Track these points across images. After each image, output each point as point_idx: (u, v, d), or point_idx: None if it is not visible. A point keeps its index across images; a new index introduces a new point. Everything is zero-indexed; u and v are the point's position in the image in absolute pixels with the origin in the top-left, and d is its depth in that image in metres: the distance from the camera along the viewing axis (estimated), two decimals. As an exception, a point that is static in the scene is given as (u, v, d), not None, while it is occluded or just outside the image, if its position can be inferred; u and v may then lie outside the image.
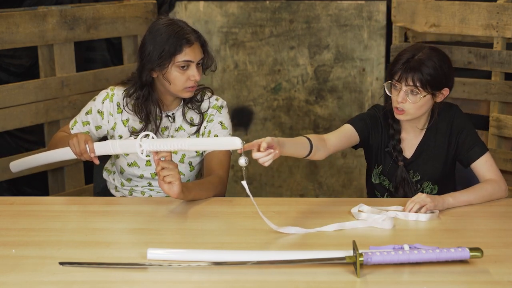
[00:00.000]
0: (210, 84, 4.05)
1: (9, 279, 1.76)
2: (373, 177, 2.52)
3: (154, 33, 2.36)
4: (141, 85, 2.42)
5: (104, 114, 2.49)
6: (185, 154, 2.50)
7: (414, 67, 2.28)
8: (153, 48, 2.34)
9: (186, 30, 2.35)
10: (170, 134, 2.48)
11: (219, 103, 2.51)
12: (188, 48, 2.33)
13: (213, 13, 4.02)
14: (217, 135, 2.46)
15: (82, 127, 2.54)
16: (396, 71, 2.31)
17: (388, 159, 2.47)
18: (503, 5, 3.37)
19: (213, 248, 1.94)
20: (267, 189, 4.15)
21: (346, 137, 2.40)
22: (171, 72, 2.34)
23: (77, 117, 2.57)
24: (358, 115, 2.49)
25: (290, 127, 4.10)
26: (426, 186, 2.46)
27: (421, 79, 2.28)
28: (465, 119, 2.43)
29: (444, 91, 2.35)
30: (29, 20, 3.34)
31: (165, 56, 2.32)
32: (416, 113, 2.34)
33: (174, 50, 2.32)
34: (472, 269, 1.81)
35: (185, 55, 2.33)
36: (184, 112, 2.49)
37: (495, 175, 2.36)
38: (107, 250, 1.94)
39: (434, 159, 2.44)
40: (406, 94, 2.30)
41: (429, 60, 2.30)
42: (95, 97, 2.54)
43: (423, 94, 2.30)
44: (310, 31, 4.00)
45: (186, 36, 2.33)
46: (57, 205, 2.32)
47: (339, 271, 1.80)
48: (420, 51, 2.32)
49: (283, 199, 2.48)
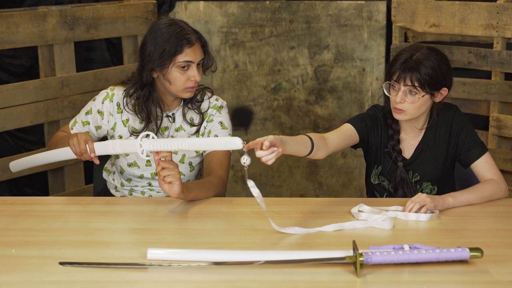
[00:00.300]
0: (210, 84, 4.05)
1: (9, 279, 1.76)
2: (372, 178, 2.51)
3: (155, 33, 2.36)
4: (142, 85, 2.42)
5: (104, 114, 2.49)
6: (185, 154, 2.50)
7: (412, 67, 2.28)
8: (153, 48, 2.34)
9: (187, 31, 2.35)
10: (170, 134, 2.49)
11: (219, 103, 2.51)
12: (189, 48, 2.34)
13: (213, 13, 4.03)
14: (217, 135, 2.47)
15: (82, 127, 2.54)
16: (395, 71, 2.31)
17: (388, 160, 2.47)
18: (503, 5, 3.37)
19: (213, 248, 1.94)
20: (267, 189, 4.15)
21: (346, 137, 2.40)
22: (171, 72, 2.34)
23: (77, 117, 2.57)
24: (358, 115, 2.49)
25: (290, 127, 4.10)
26: (426, 186, 2.46)
27: (419, 79, 2.28)
28: (464, 119, 2.43)
29: (443, 91, 2.35)
30: (29, 20, 3.34)
31: (165, 56, 2.32)
32: (415, 113, 2.34)
33: (175, 50, 2.32)
34: (472, 269, 1.81)
35: (185, 55, 2.33)
36: (184, 112, 2.49)
37: (495, 175, 2.36)
38: (107, 250, 1.94)
39: (433, 159, 2.44)
40: (404, 94, 2.30)
41: (427, 60, 2.29)
42: (95, 97, 2.54)
43: (421, 94, 2.30)
44: (310, 31, 4.01)
45: (187, 37, 2.34)
46: (57, 205, 2.32)
47: (339, 271, 1.80)
48: (418, 51, 2.32)
49: (283, 199, 2.48)
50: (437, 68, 2.30)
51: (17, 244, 1.97)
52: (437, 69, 2.30)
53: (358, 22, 3.97)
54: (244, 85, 4.09)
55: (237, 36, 4.04)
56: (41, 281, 1.75)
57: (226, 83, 4.09)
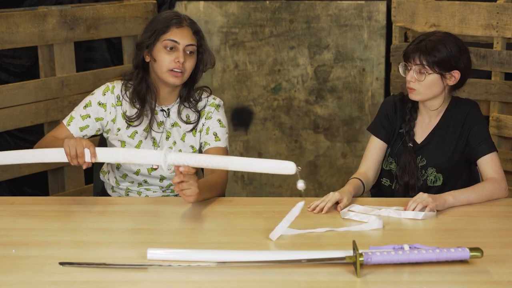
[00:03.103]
0: (210, 84, 4.05)
1: (9, 279, 1.76)
2: (384, 163, 2.56)
3: (152, 20, 2.47)
4: (135, 67, 2.46)
5: (107, 105, 2.47)
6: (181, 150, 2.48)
7: (422, 47, 2.37)
8: (146, 30, 2.43)
9: (180, 14, 2.43)
10: (167, 129, 2.48)
11: (217, 102, 2.52)
12: (177, 29, 2.38)
13: (213, 13, 4.02)
14: (215, 133, 2.46)
15: (82, 121, 2.46)
16: (407, 51, 2.41)
17: (398, 141, 2.52)
18: (503, 5, 3.37)
19: (213, 248, 1.94)
20: (267, 189, 4.15)
21: (380, 154, 2.55)
22: (158, 51, 2.38)
23: (73, 113, 2.48)
24: (376, 119, 2.58)
25: (290, 127, 4.10)
26: (431, 173, 2.48)
27: (427, 58, 2.36)
28: (479, 115, 2.48)
29: (455, 73, 2.41)
30: (29, 20, 3.34)
31: (154, 35, 2.39)
32: (426, 93, 2.41)
33: (162, 28, 2.38)
34: (472, 269, 1.81)
35: (171, 34, 2.38)
36: (179, 109, 2.49)
37: (497, 174, 2.38)
38: (107, 250, 1.94)
39: (442, 146, 2.48)
40: (414, 73, 2.39)
41: (439, 42, 2.38)
42: (93, 92, 2.52)
43: (429, 73, 2.37)
44: (310, 31, 4.00)
45: (176, 18, 2.40)
46: (57, 205, 2.31)
47: (339, 271, 1.80)
48: (433, 35, 2.41)
49: (283, 199, 2.48)
50: (448, 49, 2.38)
51: (17, 244, 1.97)
52: (448, 50, 2.38)
53: (358, 22, 3.97)
54: (244, 85, 4.09)
55: (237, 36, 4.04)
56: (41, 281, 1.75)
57: (226, 83, 4.09)
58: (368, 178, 2.48)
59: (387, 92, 4.01)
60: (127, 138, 2.47)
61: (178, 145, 2.49)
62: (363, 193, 2.44)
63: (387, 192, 2.56)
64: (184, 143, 2.49)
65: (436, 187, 2.47)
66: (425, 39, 2.40)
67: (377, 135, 2.54)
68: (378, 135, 2.54)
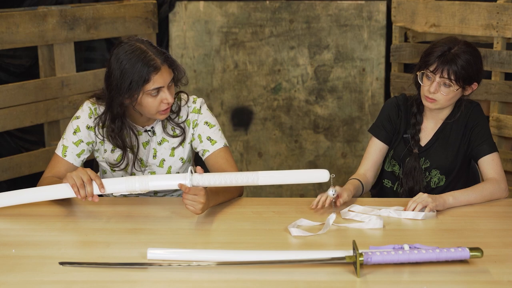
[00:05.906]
0: (210, 84, 4.05)
1: (9, 279, 1.76)
2: (386, 164, 2.57)
3: (119, 63, 2.24)
4: (113, 117, 2.32)
5: (95, 128, 2.39)
6: (171, 166, 2.45)
7: (450, 61, 2.35)
8: (120, 79, 2.23)
9: (150, 56, 2.23)
10: (153, 147, 2.43)
11: (197, 105, 2.42)
12: (156, 75, 2.22)
13: (213, 13, 4.02)
14: (209, 137, 2.40)
15: (76, 148, 2.38)
16: (432, 62, 2.37)
17: (402, 145, 2.52)
18: (503, 5, 3.37)
19: (213, 248, 1.94)
20: (267, 189, 4.15)
21: (380, 156, 2.55)
22: (142, 100, 2.26)
23: (64, 142, 2.39)
24: (377, 120, 2.57)
25: (290, 127, 4.10)
26: (434, 174, 2.48)
27: (456, 73, 2.35)
28: (481, 116, 2.48)
29: (474, 85, 2.42)
30: (29, 20, 3.34)
31: (133, 87, 2.22)
32: (446, 104, 2.41)
33: (143, 80, 2.22)
34: (472, 269, 1.81)
35: (154, 83, 2.23)
36: (164, 125, 2.42)
37: (497, 174, 2.38)
38: (107, 250, 1.94)
39: (445, 148, 2.48)
40: (438, 86, 2.37)
41: (465, 55, 2.36)
42: (77, 115, 2.41)
43: (455, 87, 2.37)
44: (310, 31, 4.00)
45: (152, 63, 2.22)
46: (57, 205, 2.31)
47: (339, 271, 1.80)
48: (456, 45, 2.39)
49: (283, 199, 2.48)
50: (473, 63, 2.37)
51: (17, 244, 1.97)
52: (472, 64, 2.37)
53: (358, 22, 3.97)
54: (244, 85, 4.09)
55: (237, 36, 4.04)
56: (41, 281, 1.75)
57: (226, 83, 4.09)
58: (367, 179, 2.48)
59: (387, 92, 4.01)
60: (114, 162, 2.42)
61: (167, 162, 2.44)
62: (362, 194, 2.44)
63: (388, 193, 2.56)
64: (174, 158, 2.44)
65: (439, 187, 2.47)
66: (448, 50, 2.36)
67: (378, 137, 2.54)
68: (379, 137, 2.54)
